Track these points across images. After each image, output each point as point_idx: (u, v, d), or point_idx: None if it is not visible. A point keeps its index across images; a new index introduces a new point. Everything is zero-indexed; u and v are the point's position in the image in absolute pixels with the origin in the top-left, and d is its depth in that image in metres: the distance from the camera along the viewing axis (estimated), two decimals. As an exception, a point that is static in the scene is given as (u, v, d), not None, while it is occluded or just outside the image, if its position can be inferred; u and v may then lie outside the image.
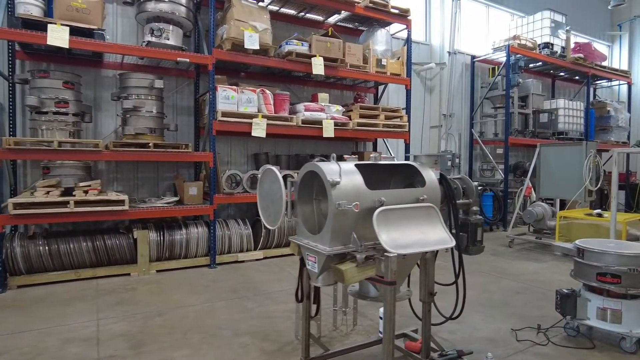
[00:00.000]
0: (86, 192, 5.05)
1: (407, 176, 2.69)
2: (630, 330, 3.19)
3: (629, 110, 12.13)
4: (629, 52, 13.38)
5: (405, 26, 7.55)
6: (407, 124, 7.36)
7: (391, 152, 8.15)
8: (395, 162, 2.52)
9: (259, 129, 5.88)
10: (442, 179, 2.66)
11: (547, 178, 7.38)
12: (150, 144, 5.36)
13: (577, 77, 11.85)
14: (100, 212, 5.03)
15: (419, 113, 9.04)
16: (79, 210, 4.89)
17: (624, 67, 13.12)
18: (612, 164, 4.97)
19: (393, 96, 8.56)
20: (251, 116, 5.86)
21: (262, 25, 5.91)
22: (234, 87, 5.81)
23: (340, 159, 2.54)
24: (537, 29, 9.89)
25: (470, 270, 5.70)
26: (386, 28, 7.55)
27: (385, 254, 2.04)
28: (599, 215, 6.31)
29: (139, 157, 5.37)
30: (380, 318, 3.10)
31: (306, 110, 6.30)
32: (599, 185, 6.92)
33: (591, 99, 12.65)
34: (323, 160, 2.35)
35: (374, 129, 6.95)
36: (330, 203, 2.10)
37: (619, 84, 12.89)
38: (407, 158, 7.66)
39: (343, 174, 2.17)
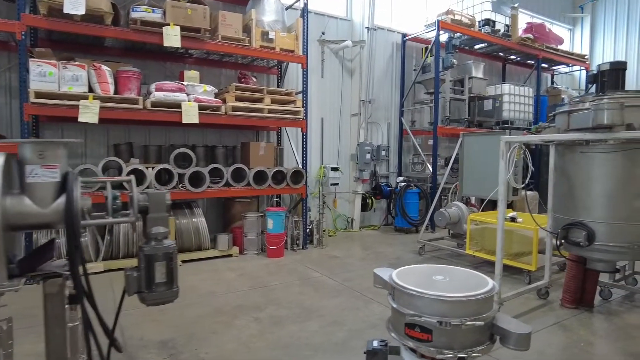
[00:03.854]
0: None
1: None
2: (447, 410, 2.13)
3: (587, 98, 11.06)
4: (590, 36, 12.27)
5: (301, -7, 6.40)
6: (303, 109, 6.23)
7: (291, 143, 7.03)
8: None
9: (89, 113, 4.73)
10: (65, 182, 1.56)
11: (470, 173, 6.34)
12: None
13: (531, 62, 10.76)
14: None
15: (336, 98, 7.91)
16: None
17: (586, 52, 12.04)
18: (499, 157, 3.95)
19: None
20: (79, 97, 4.70)
21: (92, -16, 4.72)
22: (54, 62, 4.63)
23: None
24: (477, 3, 8.76)
25: (341, 288, 4.63)
26: (279, -4, 6.39)
27: None
28: (513, 219, 5.30)
29: None
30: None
31: (158, 90, 5.12)
32: (526, 182, 5.92)
33: (548, 85, 11.65)
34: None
35: (257, 114, 5.80)
36: None
37: (580, 70, 11.86)
38: (304, 150, 6.55)
39: None
